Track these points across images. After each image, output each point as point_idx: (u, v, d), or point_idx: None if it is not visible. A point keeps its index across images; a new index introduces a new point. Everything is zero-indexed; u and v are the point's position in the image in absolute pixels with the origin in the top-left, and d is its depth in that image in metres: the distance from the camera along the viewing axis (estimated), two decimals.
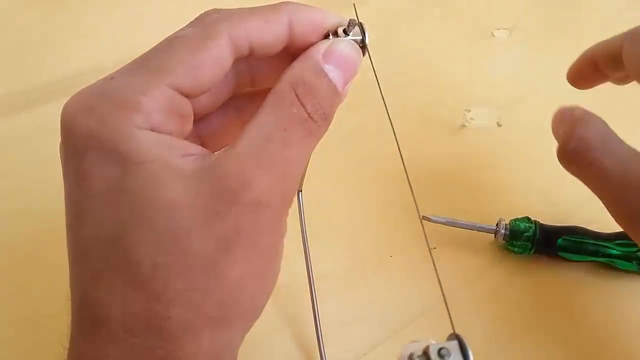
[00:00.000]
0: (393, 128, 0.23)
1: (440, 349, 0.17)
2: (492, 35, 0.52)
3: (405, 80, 0.47)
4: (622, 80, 0.32)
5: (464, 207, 0.38)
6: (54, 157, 0.20)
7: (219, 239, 0.18)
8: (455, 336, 0.17)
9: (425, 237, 0.22)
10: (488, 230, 0.35)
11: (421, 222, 0.22)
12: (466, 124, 0.44)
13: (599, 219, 0.38)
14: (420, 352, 0.17)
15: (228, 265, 0.19)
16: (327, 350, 0.31)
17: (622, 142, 0.26)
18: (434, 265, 0.20)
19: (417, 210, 0.22)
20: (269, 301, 0.33)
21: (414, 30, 0.52)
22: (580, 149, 0.26)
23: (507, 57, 0.50)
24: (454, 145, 0.42)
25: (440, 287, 0.20)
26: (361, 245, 0.36)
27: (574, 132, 0.26)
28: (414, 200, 0.22)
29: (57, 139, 0.20)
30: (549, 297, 0.34)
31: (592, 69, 0.31)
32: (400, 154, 0.23)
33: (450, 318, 0.19)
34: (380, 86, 0.24)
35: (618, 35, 0.30)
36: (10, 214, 0.35)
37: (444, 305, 0.19)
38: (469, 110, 0.45)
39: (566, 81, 0.35)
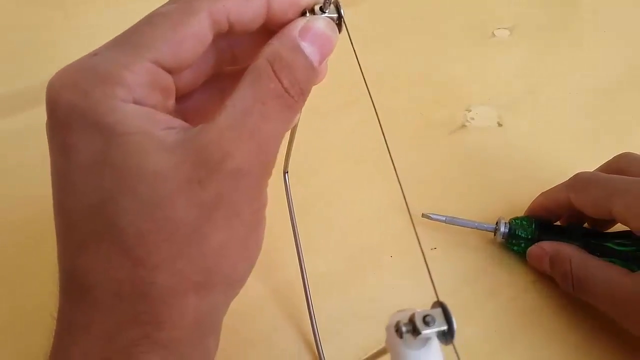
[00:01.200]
0: (381, 126, 0.23)
1: (425, 316, 0.17)
2: (492, 35, 0.52)
3: (405, 80, 0.47)
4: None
5: (464, 207, 0.38)
6: None
7: (202, 206, 0.19)
8: (439, 304, 0.18)
9: (417, 239, 0.21)
10: (488, 229, 0.35)
11: (412, 222, 0.22)
12: (466, 123, 0.44)
13: None
14: (406, 320, 0.17)
15: (210, 231, 0.19)
16: (327, 351, 0.30)
17: (596, 260, 0.31)
18: (427, 266, 0.20)
19: (408, 210, 0.22)
20: (269, 301, 0.33)
21: (414, 29, 0.52)
22: (577, 286, 0.31)
23: (507, 57, 0.50)
24: (454, 145, 0.42)
25: (432, 281, 0.20)
26: (361, 245, 0.36)
27: (566, 276, 0.32)
28: (405, 200, 0.22)
29: None
30: (549, 297, 0.34)
31: (545, 213, 0.35)
32: (389, 152, 0.23)
33: (434, 287, 0.19)
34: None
35: (559, 189, 0.34)
36: (10, 213, 0.35)
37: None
38: (470, 110, 0.45)
39: (566, 81, 0.35)
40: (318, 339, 0.31)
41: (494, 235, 0.35)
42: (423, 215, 0.35)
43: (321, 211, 0.37)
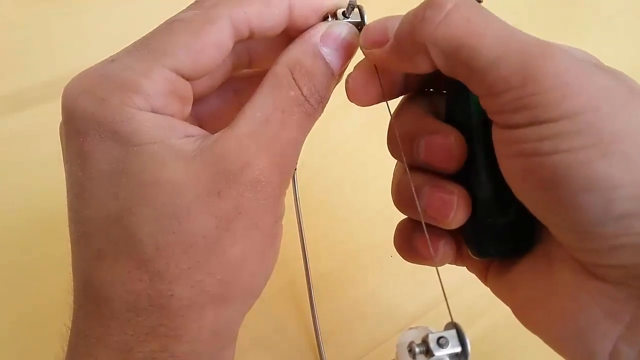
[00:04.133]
0: (394, 125, 0.23)
1: (439, 338, 0.17)
2: None
3: None
4: None
5: None
6: (54, 157, 0.20)
7: (220, 217, 0.19)
8: (453, 325, 0.18)
9: (427, 237, 0.22)
10: None
11: (424, 225, 0.22)
12: None
13: None
14: (419, 341, 0.17)
15: (229, 243, 0.19)
16: (328, 351, 0.31)
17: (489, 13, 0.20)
18: (439, 276, 0.20)
19: (419, 208, 0.22)
20: (270, 300, 0.33)
21: None
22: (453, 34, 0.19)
23: None
24: None
25: (440, 279, 0.20)
26: (361, 245, 0.36)
27: (434, 14, 0.19)
28: (416, 199, 0.22)
29: (57, 138, 0.20)
30: None
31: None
32: (402, 153, 0.23)
33: (449, 307, 0.19)
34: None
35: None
36: (10, 214, 0.35)
37: (445, 305, 0.19)
38: None
39: None
40: (320, 338, 0.31)
41: None
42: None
43: (321, 212, 0.37)
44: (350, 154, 0.41)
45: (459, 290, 0.34)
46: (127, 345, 0.18)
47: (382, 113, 0.24)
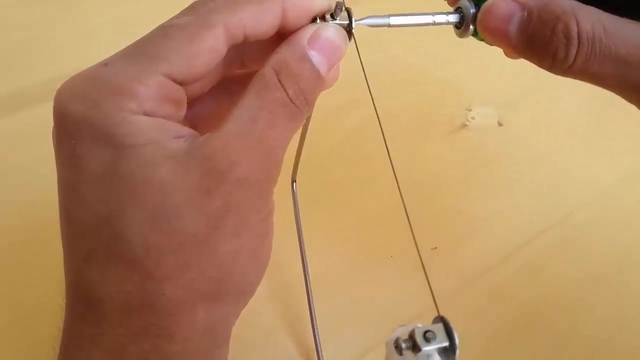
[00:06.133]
0: (381, 127, 0.23)
1: (425, 332, 0.17)
2: None
3: (405, 80, 0.47)
4: None
5: (464, 207, 0.38)
6: (53, 157, 0.20)
7: (210, 216, 0.19)
8: (440, 319, 0.17)
9: (415, 241, 0.22)
10: (449, 21, 0.26)
11: (409, 224, 0.22)
12: (467, 123, 0.44)
13: (600, 217, 0.38)
14: (406, 336, 0.17)
15: (219, 241, 0.19)
16: (326, 351, 0.30)
17: (623, 20, 0.22)
18: (422, 264, 0.20)
19: (405, 210, 0.22)
20: (268, 301, 0.33)
21: (414, 29, 0.52)
22: (589, 54, 0.21)
23: None
24: (455, 144, 0.42)
25: (427, 278, 0.20)
26: (361, 245, 0.36)
27: (570, 39, 0.21)
28: (402, 200, 0.22)
29: None
30: (549, 298, 0.34)
31: None
32: (389, 153, 0.23)
33: (435, 301, 0.19)
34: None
35: None
36: (10, 213, 0.35)
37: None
38: (470, 110, 0.45)
39: (566, 80, 0.31)
40: (318, 339, 0.31)
41: (457, 27, 0.26)
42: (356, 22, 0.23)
43: (321, 212, 0.37)
44: (350, 154, 0.41)
45: (457, 290, 0.34)
46: (119, 346, 0.19)
47: (382, 112, 0.24)
